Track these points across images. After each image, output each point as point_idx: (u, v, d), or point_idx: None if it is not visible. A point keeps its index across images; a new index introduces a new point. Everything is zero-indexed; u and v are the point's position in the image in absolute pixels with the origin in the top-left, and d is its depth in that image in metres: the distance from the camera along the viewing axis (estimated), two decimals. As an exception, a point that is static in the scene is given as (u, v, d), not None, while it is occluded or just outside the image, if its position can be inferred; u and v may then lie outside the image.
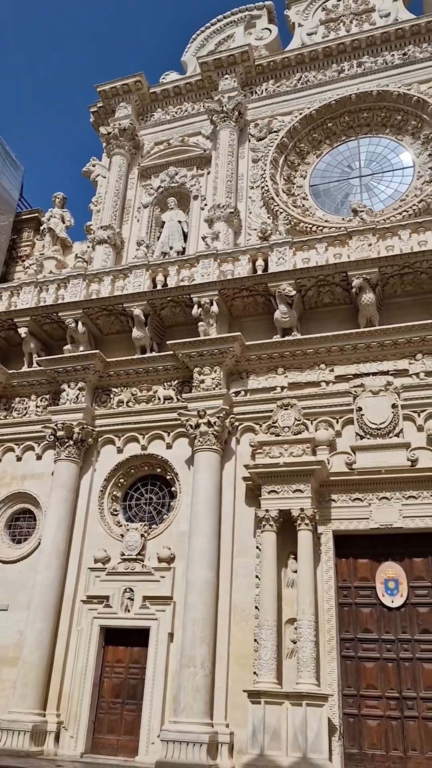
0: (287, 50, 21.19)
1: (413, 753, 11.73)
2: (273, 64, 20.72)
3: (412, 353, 14.63)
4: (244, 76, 20.82)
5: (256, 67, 20.85)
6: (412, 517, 13.12)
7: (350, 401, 14.55)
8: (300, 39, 21.46)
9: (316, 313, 16.03)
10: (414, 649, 12.48)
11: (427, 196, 16.78)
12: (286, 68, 20.63)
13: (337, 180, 19.36)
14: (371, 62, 19.71)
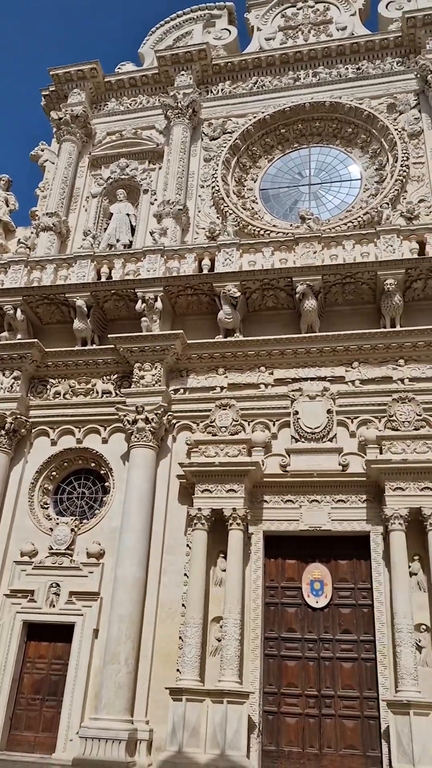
0: (245, 53, 21.33)
1: (328, 750, 12.05)
2: (230, 65, 20.80)
3: (349, 361, 15.00)
4: (201, 74, 20.81)
5: (213, 67, 20.88)
6: (340, 520, 13.47)
7: (288, 405, 14.78)
8: (258, 43, 21.64)
9: (259, 316, 16.20)
10: (335, 648, 12.82)
11: (372, 209, 17.23)
12: (243, 71, 20.77)
13: (287, 186, 19.63)
14: (326, 73, 20.08)
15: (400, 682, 11.50)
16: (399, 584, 12.17)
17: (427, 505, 12.65)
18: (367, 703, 12.22)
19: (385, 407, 14.09)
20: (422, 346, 14.65)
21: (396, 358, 14.78)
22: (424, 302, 15.31)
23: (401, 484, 12.93)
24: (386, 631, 12.33)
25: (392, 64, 19.69)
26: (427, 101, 18.52)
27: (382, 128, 18.51)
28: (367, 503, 13.47)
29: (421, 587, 12.51)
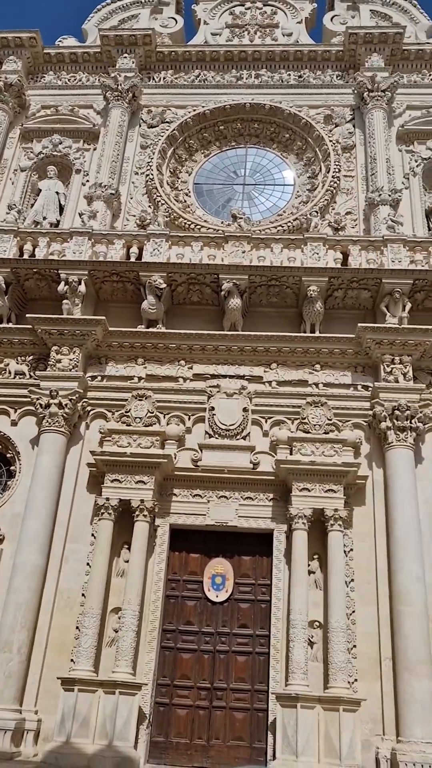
0: (190, 44, 21.21)
1: (216, 741, 12.26)
2: (174, 55, 20.61)
3: (268, 362, 15.27)
4: (144, 59, 20.51)
5: (156, 54, 20.62)
6: (246, 517, 13.71)
7: (204, 400, 14.87)
8: (204, 36, 21.56)
9: (183, 310, 16.19)
10: (231, 642, 13.06)
11: (302, 216, 17.59)
12: (187, 62, 20.63)
13: (221, 183, 19.71)
14: (268, 76, 20.29)
15: (290, 676, 11.87)
16: (297, 581, 12.54)
17: (330, 506, 13.09)
18: (258, 696, 12.53)
19: (298, 409, 14.45)
20: (338, 353, 15.13)
21: (313, 363, 15.19)
22: (343, 311, 15.82)
23: (308, 485, 13.31)
24: (281, 626, 12.68)
25: (332, 77, 20.15)
26: (361, 117, 19.09)
27: (318, 138, 18.93)
28: (273, 502, 13.79)
29: (318, 585, 12.95)
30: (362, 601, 12.88)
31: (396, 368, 14.62)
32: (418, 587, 12.54)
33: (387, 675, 12.26)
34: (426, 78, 19.91)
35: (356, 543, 13.40)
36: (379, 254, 15.70)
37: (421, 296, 15.43)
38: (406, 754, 11.18)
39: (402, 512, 13.21)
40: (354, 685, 12.05)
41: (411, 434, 13.96)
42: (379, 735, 11.88)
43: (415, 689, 11.70)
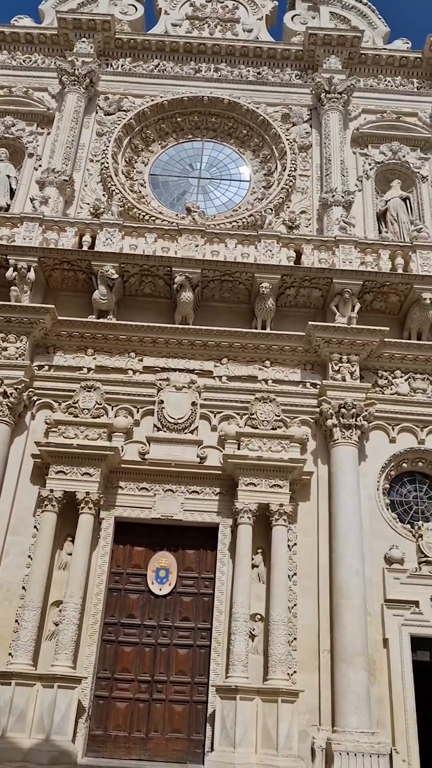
0: (150, 33, 21.00)
1: (155, 734, 12.27)
2: (133, 42, 20.35)
3: (219, 357, 15.31)
4: (102, 45, 20.17)
5: (115, 41, 20.32)
6: (192, 510, 13.74)
7: (154, 393, 14.80)
8: (164, 26, 21.37)
9: (134, 301, 16.04)
10: (173, 635, 13.08)
11: (256, 213, 17.67)
12: (146, 51, 20.40)
13: (177, 176, 19.60)
14: (227, 71, 20.27)
15: (230, 669, 11.98)
16: (240, 575, 12.66)
17: (276, 501, 13.25)
18: (198, 688, 12.60)
19: (247, 405, 14.55)
20: (288, 350, 15.30)
21: (263, 359, 15.31)
22: (294, 309, 16.00)
23: (254, 480, 13.44)
24: (223, 619, 12.78)
25: (291, 76, 20.30)
26: (318, 118, 19.32)
27: (275, 136, 19.04)
28: (220, 496, 13.86)
29: (261, 579, 13.09)
30: (304, 594, 13.11)
31: (344, 367, 14.89)
32: (357, 581, 12.84)
33: (325, 667, 12.52)
34: (382, 83, 20.30)
35: (300, 537, 13.62)
36: (331, 254, 15.93)
37: (370, 297, 15.75)
38: (340, 744, 11.45)
39: (344, 508, 13.49)
40: (293, 676, 12.26)
41: (356, 432, 14.25)
42: (316, 725, 12.13)
43: (352, 680, 11.99)
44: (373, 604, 13.05)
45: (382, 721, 12.21)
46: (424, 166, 18.87)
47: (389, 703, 12.37)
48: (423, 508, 14.56)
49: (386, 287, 15.59)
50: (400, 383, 15.33)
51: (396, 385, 15.31)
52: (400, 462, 14.74)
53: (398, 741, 12.02)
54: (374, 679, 12.44)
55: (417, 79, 20.42)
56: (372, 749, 11.39)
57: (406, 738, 12.05)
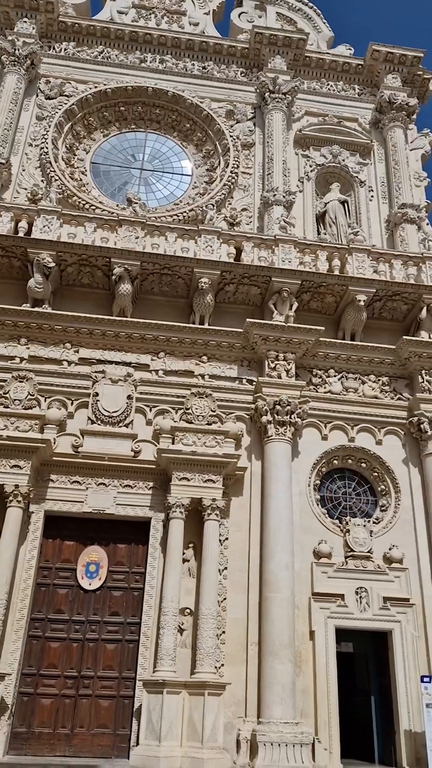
0: (95, 19, 20.59)
1: (80, 730, 12.13)
2: (77, 27, 19.92)
3: (156, 351, 15.23)
4: (45, 27, 19.64)
5: (59, 23, 19.82)
6: (124, 505, 13.64)
7: (89, 385, 14.58)
8: (110, 13, 21.01)
9: (72, 291, 15.72)
10: (101, 630, 12.95)
11: (198, 207, 17.67)
12: (91, 36, 20.02)
13: (119, 166, 19.34)
14: (173, 63, 20.15)
15: (158, 663, 11.97)
16: (171, 569, 12.67)
17: (208, 496, 13.31)
18: (125, 683, 12.53)
19: (183, 400, 14.54)
20: (225, 346, 15.39)
21: (200, 354, 15.34)
22: (233, 306, 16.10)
23: (188, 475, 13.45)
24: (153, 614, 12.77)
25: (236, 73, 20.38)
26: (262, 117, 19.48)
27: (219, 132, 19.07)
28: (153, 490, 13.81)
29: (191, 573, 13.14)
30: (234, 588, 13.25)
31: (280, 365, 15.10)
32: (286, 575, 13.09)
33: (252, 659, 12.71)
34: (324, 87, 20.67)
35: (232, 532, 13.75)
36: (270, 253, 16.10)
37: (307, 297, 16.03)
38: (265, 735, 11.66)
39: (276, 503, 13.71)
40: (221, 669, 12.38)
41: (290, 429, 14.49)
42: (242, 717, 12.30)
43: (278, 672, 12.22)
44: (301, 598, 13.34)
45: (306, 711, 12.50)
46: (362, 170, 19.35)
47: (313, 693, 12.69)
48: (351, 503, 14.98)
49: (323, 288, 15.91)
50: (334, 382, 15.70)
51: (330, 383, 15.67)
52: (332, 459, 15.11)
53: (321, 730, 12.35)
54: (300, 671, 12.72)
55: (358, 86, 20.91)
56: (295, 739, 11.65)
57: (328, 727, 12.40)
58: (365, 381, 15.79)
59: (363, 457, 15.17)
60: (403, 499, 14.76)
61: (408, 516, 14.62)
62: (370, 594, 13.55)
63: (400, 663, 13.16)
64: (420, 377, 15.61)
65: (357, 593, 13.55)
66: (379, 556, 14.07)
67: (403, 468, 15.09)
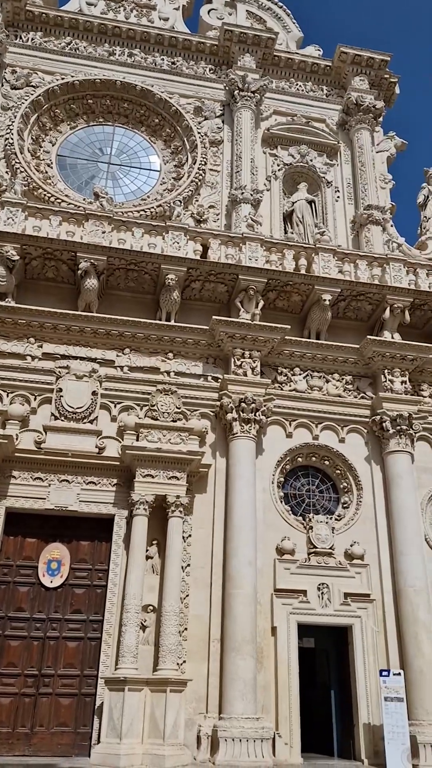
0: (63, 9, 20.30)
1: (40, 729, 11.99)
2: (45, 17, 19.60)
3: (122, 347, 15.12)
4: (12, 15, 19.27)
5: (26, 12, 19.46)
6: (87, 501, 13.53)
7: (52, 381, 14.40)
8: (78, 4, 20.74)
9: (36, 285, 15.50)
10: (62, 627, 12.83)
11: (165, 203, 17.59)
12: (59, 27, 19.73)
13: (86, 159, 19.13)
14: (141, 57, 20.01)
15: (120, 660, 11.91)
16: (134, 566, 12.61)
17: (173, 493, 13.29)
18: (86, 681, 12.44)
19: (148, 396, 14.48)
20: (191, 343, 15.38)
21: (166, 351, 15.30)
22: (199, 303, 16.10)
23: (152, 472, 13.40)
24: (115, 611, 12.70)
25: (205, 70, 20.34)
26: (231, 114, 19.50)
27: (187, 128, 19.03)
28: (117, 487, 13.73)
29: (154, 570, 13.11)
30: (197, 585, 13.27)
31: (245, 362, 15.16)
32: (249, 571, 13.16)
33: (214, 655, 12.75)
34: (293, 87, 20.79)
35: (195, 529, 13.76)
36: (237, 251, 16.14)
37: (273, 295, 16.13)
38: (226, 730, 11.71)
39: (240, 500, 13.77)
40: (182, 666, 12.39)
41: (254, 426, 14.57)
42: (203, 713, 12.33)
43: (239, 667, 12.29)
44: (263, 594, 13.43)
45: (267, 707, 12.60)
46: (329, 171, 19.54)
47: (275, 688, 12.80)
48: (314, 500, 15.14)
49: (289, 286, 16.03)
50: (299, 380, 15.83)
51: (295, 382, 15.80)
52: (296, 456, 15.24)
53: (282, 725, 12.47)
54: (261, 666, 12.82)
55: (326, 87, 21.09)
56: (256, 734, 11.73)
57: (289, 722, 12.52)
58: (329, 380, 15.98)
59: (326, 454, 15.35)
60: (365, 496, 14.99)
61: (369, 513, 14.86)
62: (331, 590, 13.73)
63: (360, 657, 13.37)
64: (383, 376, 15.86)
65: (319, 589, 13.71)
66: (341, 553, 14.27)
67: (365, 466, 15.33)
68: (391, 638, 13.66)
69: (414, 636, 13.37)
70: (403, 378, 15.89)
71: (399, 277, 16.59)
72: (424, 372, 16.39)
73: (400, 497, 14.70)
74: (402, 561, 14.11)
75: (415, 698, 12.80)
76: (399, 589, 13.94)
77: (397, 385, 15.76)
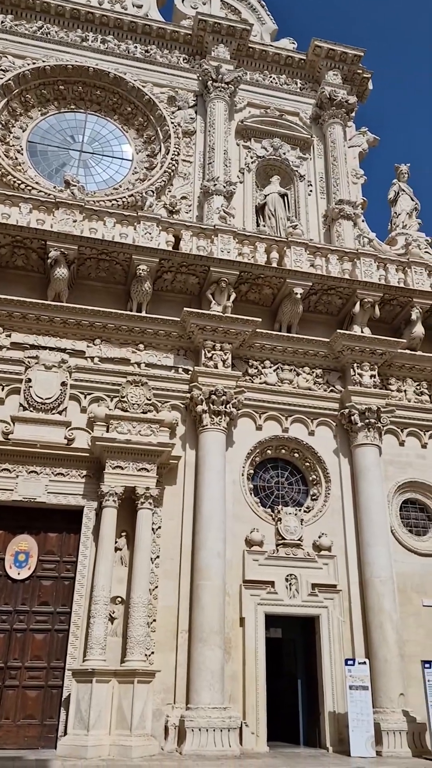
0: (35, -8, 19.89)
1: (5, 721, 11.88)
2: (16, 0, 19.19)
3: (92, 337, 14.98)
4: (-19, -3, 18.84)
5: (-4, -6, 19.05)
6: (56, 493, 13.41)
7: (21, 371, 14.20)
8: (51, -13, 20.32)
9: (5, 274, 15.21)
10: (30, 620, 12.72)
11: (137, 193, 17.44)
12: (29, 10, 19.32)
13: (57, 146, 18.82)
14: (115, 44, 19.74)
15: (88, 652, 11.87)
16: (103, 558, 12.56)
17: (142, 485, 13.25)
18: (53, 673, 12.36)
19: (118, 387, 14.40)
20: (162, 335, 15.32)
21: (137, 342, 15.21)
22: (171, 294, 16.03)
23: (122, 463, 13.34)
24: (84, 603, 12.64)
25: (179, 59, 20.17)
26: (204, 105, 19.38)
27: (160, 117, 18.87)
28: (86, 479, 13.64)
29: (123, 562, 13.07)
30: (166, 576, 13.28)
31: (216, 354, 15.17)
32: (218, 562, 13.22)
33: (182, 646, 12.80)
34: (267, 79, 20.76)
35: (165, 521, 13.76)
36: (209, 242, 16.10)
37: (245, 288, 16.15)
38: (193, 720, 11.78)
39: (210, 492, 13.80)
40: (150, 657, 12.41)
41: (225, 418, 14.60)
42: (171, 704, 12.38)
43: (207, 658, 12.36)
44: (232, 585, 13.51)
45: (234, 696, 12.71)
46: (302, 165, 19.59)
47: (242, 678, 12.91)
48: (283, 493, 15.26)
49: (261, 279, 16.06)
50: (269, 373, 15.91)
51: (265, 374, 15.87)
52: (265, 449, 15.33)
53: (249, 714, 12.59)
54: (229, 657, 12.91)
55: (300, 80, 21.11)
56: (223, 724, 11.82)
57: (256, 711, 12.65)
58: (300, 373, 16.08)
59: (296, 447, 15.47)
60: (333, 488, 15.17)
61: (337, 505, 15.04)
62: (299, 581, 13.88)
63: (326, 647, 13.56)
64: (352, 370, 16.03)
65: (287, 580, 13.84)
66: (309, 544, 14.42)
67: (334, 458, 15.50)
68: (357, 628, 13.88)
69: (379, 625, 13.61)
70: (372, 372, 16.08)
71: (369, 272, 16.76)
72: (393, 366, 16.62)
73: (367, 489, 14.90)
74: (368, 552, 14.33)
75: (380, 686, 13.06)
76: (365, 579, 14.16)
77: (366, 379, 15.95)
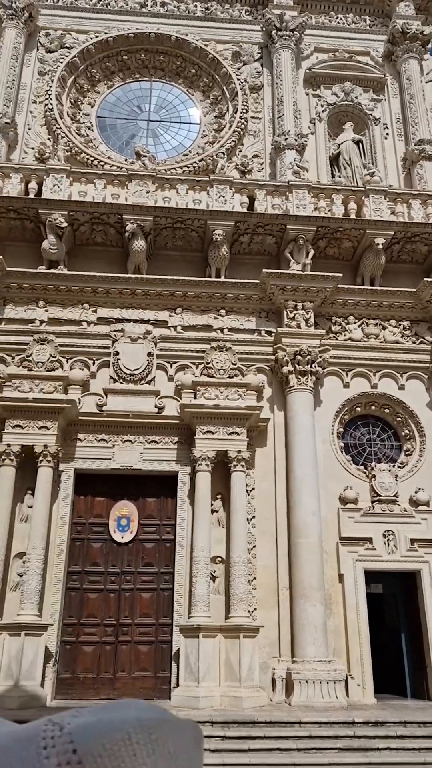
0: (92, -37, 19.79)
1: (122, 674, 12.70)
2: (73, -26, 19.22)
3: (174, 306, 15.18)
4: (40, -24, 18.96)
5: (54, -29, 19.12)
6: (151, 460, 13.87)
7: (109, 344, 14.65)
8: None
9: (86, 251, 15.65)
10: (136, 580, 13.39)
11: (207, 156, 17.28)
12: (88, -17, 19.32)
13: (126, 118, 18.90)
14: (174, 6, 19.37)
15: (193, 609, 12.38)
16: (200, 520, 12.95)
17: (233, 448, 13.46)
18: (162, 629, 13.00)
19: (203, 354, 14.55)
20: (243, 298, 15.28)
21: (218, 308, 15.25)
22: (248, 257, 15.90)
23: (211, 428, 13.58)
24: (185, 563, 13.13)
25: (241, 12, 19.56)
26: (269, 56, 18.76)
27: (225, 75, 18.46)
28: (178, 445, 14.00)
29: (220, 524, 13.43)
30: (262, 536, 13.53)
31: (298, 314, 14.98)
32: (314, 520, 13.31)
33: (284, 603, 13.07)
34: (333, 20, 19.78)
35: (258, 482, 13.95)
36: (284, 200, 15.77)
37: (323, 243, 15.76)
38: (299, 673, 12.09)
39: (301, 452, 13.83)
40: (254, 613, 12.77)
41: (311, 378, 14.49)
42: (276, 657, 12.74)
43: (309, 614, 12.58)
44: (328, 542, 13.59)
45: (338, 651, 12.90)
46: (376, 107, 18.66)
47: (344, 633, 13.05)
48: (376, 449, 15.04)
49: (339, 233, 15.61)
50: (354, 329, 15.55)
51: (350, 331, 15.53)
52: (354, 406, 15.11)
53: (354, 667, 12.75)
54: (330, 612, 13.07)
55: (369, 17, 19.96)
56: (329, 676, 12.06)
57: (360, 664, 12.79)
58: (386, 326, 15.62)
59: (386, 402, 15.15)
60: (428, 442, 14.78)
61: (433, 459, 14.67)
62: (397, 536, 13.75)
63: (429, 601, 13.43)
64: (442, 319, 15.40)
65: (384, 536, 13.75)
66: (405, 500, 14.20)
67: (428, 412, 15.06)
68: (460, 581, 13.64)
69: None
70: (464, 320, 15.39)
71: (456, 213, 15.89)
72: None
73: (464, 441, 14.42)
74: (469, 505, 13.94)
75: None
76: (466, 532, 13.82)
77: (457, 328, 15.29)
